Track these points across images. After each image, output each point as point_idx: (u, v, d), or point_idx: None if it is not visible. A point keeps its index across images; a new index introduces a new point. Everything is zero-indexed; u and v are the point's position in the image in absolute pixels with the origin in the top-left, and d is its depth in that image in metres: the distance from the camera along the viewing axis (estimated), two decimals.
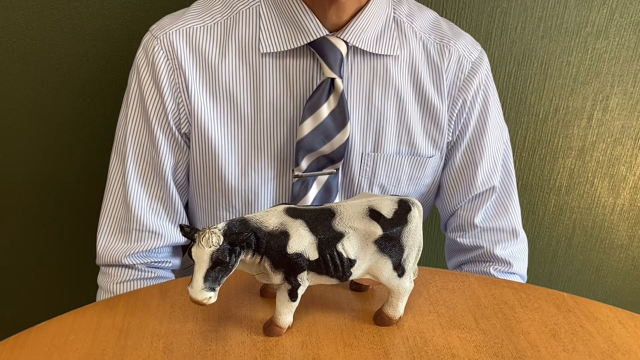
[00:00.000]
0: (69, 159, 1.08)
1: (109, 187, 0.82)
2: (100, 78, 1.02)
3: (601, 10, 1.05)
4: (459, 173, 0.87)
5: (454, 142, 0.85)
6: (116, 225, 0.82)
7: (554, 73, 1.10)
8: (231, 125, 0.78)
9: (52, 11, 0.96)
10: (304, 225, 0.55)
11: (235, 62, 0.77)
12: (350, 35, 0.75)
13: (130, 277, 0.82)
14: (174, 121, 0.78)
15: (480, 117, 0.85)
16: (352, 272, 0.57)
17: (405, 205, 0.57)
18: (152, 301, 0.63)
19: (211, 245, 0.51)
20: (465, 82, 0.82)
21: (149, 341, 0.58)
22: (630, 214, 1.23)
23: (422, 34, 0.81)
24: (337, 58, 0.75)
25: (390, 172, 0.83)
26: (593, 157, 1.18)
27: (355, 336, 0.59)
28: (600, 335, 0.61)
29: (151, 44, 0.77)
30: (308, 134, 0.76)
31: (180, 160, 0.81)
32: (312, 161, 0.79)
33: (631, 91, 1.12)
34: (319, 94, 0.76)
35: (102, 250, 0.82)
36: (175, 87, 0.77)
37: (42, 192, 1.10)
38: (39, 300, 1.20)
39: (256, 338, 0.58)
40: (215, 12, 0.78)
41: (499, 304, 0.65)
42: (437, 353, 0.58)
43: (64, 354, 0.56)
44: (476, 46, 0.84)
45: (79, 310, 0.62)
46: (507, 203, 0.89)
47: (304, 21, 0.74)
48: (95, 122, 1.05)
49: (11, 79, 1.00)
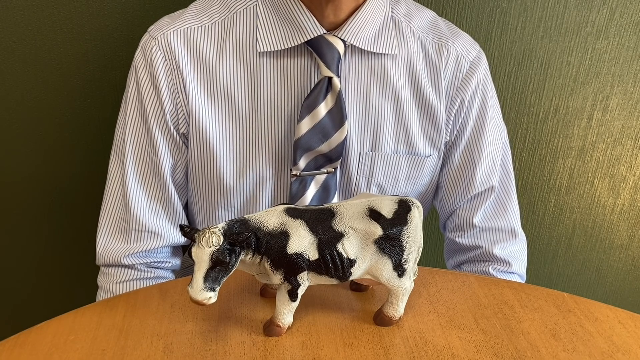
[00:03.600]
0: (69, 159, 1.08)
1: (109, 188, 0.83)
2: (100, 78, 1.02)
3: (601, 10, 1.05)
4: (457, 173, 0.87)
5: (452, 142, 0.85)
6: (115, 226, 0.82)
7: (554, 73, 1.10)
8: (229, 125, 0.78)
9: (52, 11, 0.96)
10: (304, 225, 0.55)
11: (232, 61, 0.77)
12: (348, 33, 0.75)
13: (130, 277, 0.82)
14: (172, 122, 0.78)
15: (478, 117, 0.85)
16: (352, 272, 0.57)
17: (405, 205, 0.57)
18: (152, 301, 0.63)
19: (211, 245, 0.51)
20: (463, 81, 0.82)
21: (149, 341, 0.58)
22: (630, 214, 1.23)
23: (420, 33, 0.81)
24: (335, 57, 0.75)
25: (388, 172, 0.83)
26: (593, 157, 1.18)
27: (355, 336, 0.59)
28: (600, 335, 0.61)
29: (149, 44, 0.77)
30: (305, 133, 0.76)
31: (179, 161, 0.81)
32: (310, 160, 0.79)
33: (631, 91, 1.12)
34: (316, 93, 0.76)
35: (102, 250, 0.82)
36: (173, 88, 0.77)
37: (42, 192, 1.10)
38: (39, 300, 1.20)
39: (256, 338, 0.58)
40: (213, 12, 0.78)
41: (499, 304, 0.65)
42: (437, 353, 0.58)
43: (64, 354, 0.56)
44: (474, 46, 0.84)
45: (79, 310, 0.62)
46: (506, 203, 0.89)
47: (301, 20, 0.74)
48: (95, 122, 1.05)
49: (11, 79, 1.00)
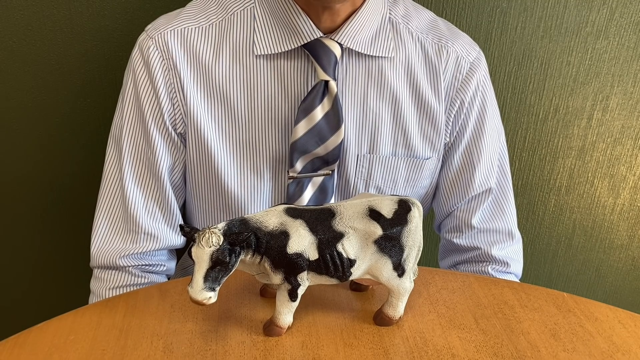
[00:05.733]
0: (69, 159, 1.08)
1: (104, 188, 0.82)
2: (100, 78, 1.02)
3: (601, 10, 1.05)
4: (456, 174, 0.87)
5: (452, 144, 0.85)
6: (111, 227, 0.81)
7: (554, 73, 1.10)
8: (226, 126, 0.78)
9: (52, 11, 0.96)
10: (304, 225, 0.55)
11: (229, 63, 0.77)
12: (345, 37, 0.75)
13: (123, 283, 0.81)
14: (170, 121, 0.78)
15: (478, 119, 0.84)
16: (352, 272, 0.57)
17: (405, 205, 0.57)
18: (152, 301, 0.63)
19: (211, 245, 0.51)
20: (463, 82, 0.82)
21: (149, 341, 0.58)
22: (630, 214, 1.23)
23: (419, 34, 0.81)
24: (331, 60, 0.75)
25: (386, 174, 0.83)
26: (593, 157, 1.18)
27: (355, 336, 0.59)
28: (600, 335, 0.61)
29: (146, 43, 0.77)
30: (302, 136, 0.76)
31: (176, 161, 0.81)
32: (307, 163, 0.79)
33: (631, 91, 1.12)
34: (312, 96, 0.75)
35: (97, 251, 0.81)
36: (171, 87, 0.77)
37: (41, 192, 1.10)
38: (39, 300, 1.20)
39: (256, 338, 0.58)
40: (210, 13, 0.78)
41: (499, 304, 0.65)
42: (437, 353, 0.58)
43: (64, 354, 0.56)
44: (474, 47, 0.84)
45: (79, 310, 0.62)
46: (504, 204, 0.89)
47: (297, 23, 0.74)
48: (95, 122, 1.05)
49: (11, 79, 1.00)
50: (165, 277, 0.86)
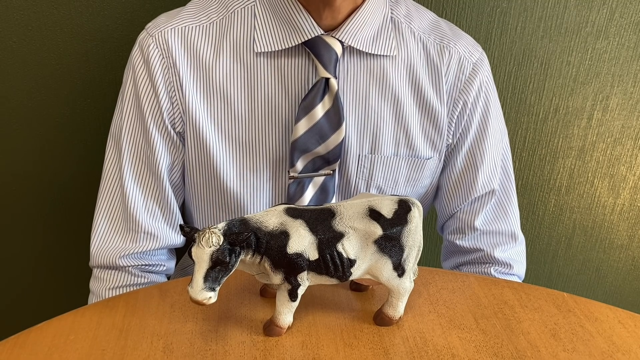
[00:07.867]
0: (69, 159, 1.07)
1: (104, 187, 0.82)
2: (100, 78, 1.02)
3: (601, 10, 1.05)
4: (459, 176, 0.87)
5: (455, 145, 0.85)
6: (111, 226, 0.81)
7: (554, 73, 1.10)
8: (225, 125, 0.78)
9: (52, 11, 0.96)
10: (304, 225, 0.55)
11: (229, 61, 0.77)
12: (346, 34, 0.75)
13: (123, 283, 0.81)
14: (169, 119, 0.78)
15: (481, 120, 0.84)
16: (352, 272, 0.57)
17: (405, 205, 0.57)
18: (152, 301, 0.63)
19: (211, 245, 0.51)
20: (466, 83, 0.82)
21: (149, 341, 0.58)
22: (630, 214, 1.23)
23: (421, 34, 0.81)
24: (332, 58, 0.75)
25: (387, 174, 0.83)
26: (593, 157, 1.18)
27: (355, 336, 0.59)
28: (600, 335, 0.61)
29: (146, 41, 0.77)
30: (302, 135, 0.76)
31: (176, 160, 0.81)
32: (308, 162, 0.78)
33: (631, 91, 1.12)
34: (313, 94, 0.75)
35: (96, 250, 0.81)
36: (170, 86, 0.77)
37: (41, 192, 1.10)
38: (39, 300, 1.20)
39: (256, 338, 0.58)
40: (210, 11, 0.78)
41: (499, 304, 0.65)
42: (437, 353, 0.58)
43: (64, 354, 0.56)
44: (477, 47, 0.84)
45: (79, 310, 0.62)
46: (507, 206, 0.88)
47: (298, 20, 0.74)
48: (95, 122, 1.05)
49: (11, 79, 1.00)
50: (165, 277, 0.86)
